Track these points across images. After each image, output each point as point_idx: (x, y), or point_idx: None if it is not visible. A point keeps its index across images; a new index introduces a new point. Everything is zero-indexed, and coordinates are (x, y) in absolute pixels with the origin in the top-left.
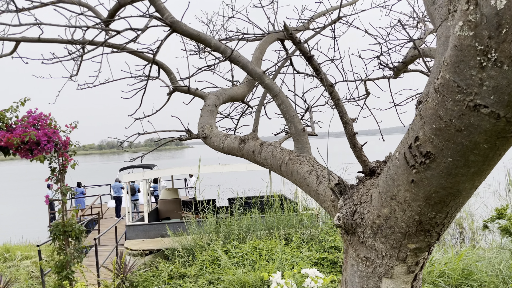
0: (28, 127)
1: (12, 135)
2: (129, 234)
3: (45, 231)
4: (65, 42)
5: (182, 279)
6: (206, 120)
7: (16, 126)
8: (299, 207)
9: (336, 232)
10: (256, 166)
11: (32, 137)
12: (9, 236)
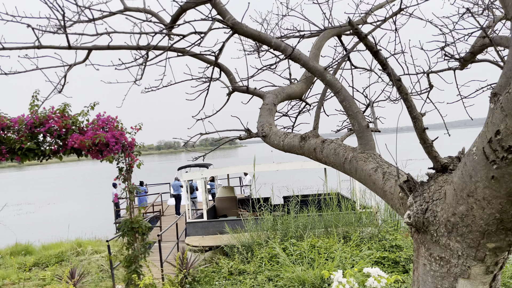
0: (97, 129)
1: (84, 137)
2: (189, 231)
3: (112, 227)
4: (132, 48)
5: (242, 275)
6: (265, 119)
7: (87, 129)
8: (357, 205)
9: (397, 230)
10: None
11: (102, 139)
12: (80, 231)
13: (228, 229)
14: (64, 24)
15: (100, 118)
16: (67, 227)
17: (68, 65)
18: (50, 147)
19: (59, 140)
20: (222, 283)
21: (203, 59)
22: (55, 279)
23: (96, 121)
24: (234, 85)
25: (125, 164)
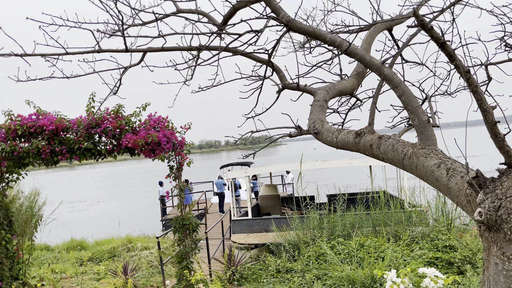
0: (149, 129)
1: (137, 137)
2: (234, 229)
3: (158, 224)
4: (184, 49)
5: (289, 274)
6: (317, 116)
7: (139, 129)
8: (406, 204)
9: (450, 230)
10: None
11: (154, 138)
12: (130, 228)
13: (273, 227)
14: (122, 27)
15: (151, 118)
16: (117, 224)
17: (124, 67)
18: (106, 146)
19: (114, 140)
20: (270, 280)
21: (255, 57)
22: (109, 273)
23: (148, 121)
24: (284, 83)
25: (176, 162)
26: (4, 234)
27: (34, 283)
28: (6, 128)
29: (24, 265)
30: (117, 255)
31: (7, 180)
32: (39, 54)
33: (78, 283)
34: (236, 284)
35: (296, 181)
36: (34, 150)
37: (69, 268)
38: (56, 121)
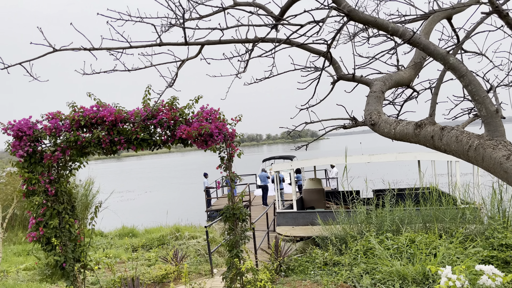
0: (202, 121)
1: (191, 128)
2: (279, 221)
3: (203, 214)
4: (241, 41)
5: (337, 267)
6: (373, 107)
7: (192, 121)
8: (458, 200)
9: (507, 228)
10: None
11: (207, 129)
12: (177, 217)
13: (319, 220)
14: (183, 20)
15: (204, 110)
16: (166, 213)
17: (181, 60)
18: (161, 137)
19: (168, 131)
20: (317, 272)
21: (312, 49)
22: (159, 259)
23: (201, 113)
24: (339, 74)
25: (226, 153)
26: (67, 218)
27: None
28: (70, 119)
29: (85, 248)
30: (166, 243)
31: (70, 168)
32: (105, 48)
33: (131, 268)
34: (283, 275)
35: (341, 175)
36: (95, 140)
37: (122, 253)
38: (115, 112)
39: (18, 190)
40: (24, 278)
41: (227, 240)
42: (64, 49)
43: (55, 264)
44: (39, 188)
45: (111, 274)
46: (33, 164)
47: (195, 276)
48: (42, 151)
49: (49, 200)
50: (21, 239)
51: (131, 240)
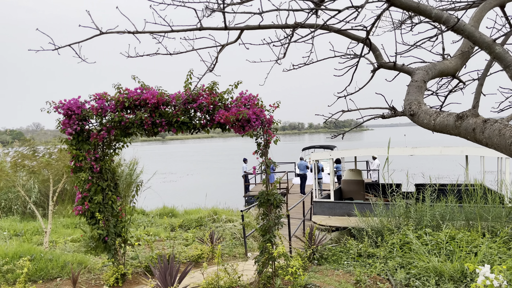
0: (240, 106)
1: (229, 113)
2: (316, 210)
3: (241, 199)
4: (280, 27)
5: (371, 259)
6: (414, 97)
7: (231, 106)
8: (506, 199)
9: None
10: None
11: (244, 115)
12: (215, 201)
13: (356, 212)
14: (223, 4)
15: (242, 95)
16: (205, 196)
17: (221, 45)
18: (200, 121)
19: (208, 115)
20: (350, 263)
21: (351, 35)
22: (196, 240)
23: (239, 98)
24: (380, 61)
25: (263, 139)
26: (110, 195)
27: (132, 242)
28: (115, 100)
29: (126, 224)
30: (204, 224)
31: (114, 147)
32: (148, 32)
33: (169, 246)
34: (316, 263)
35: (382, 168)
36: (138, 121)
37: (162, 232)
38: (158, 95)
39: (67, 166)
40: (71, 249)
41: (260, 225)
42: (110, 32)
43: (98, 238)
44: (85, 165)
45: (150, 251)
46: (81, 142)
47: (230, 258)
48: (89, 130)
49: (94, 176)
50: (69, 213)
51: (170, 219)
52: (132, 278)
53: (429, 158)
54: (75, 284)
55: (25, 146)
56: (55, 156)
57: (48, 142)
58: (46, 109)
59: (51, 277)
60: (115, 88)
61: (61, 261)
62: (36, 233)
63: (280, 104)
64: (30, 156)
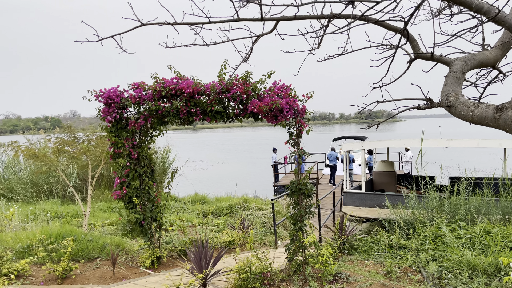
0: (273, 96)
1: (262, 103)
2: (346, 201)
3: (271, 189)
4: (316, 17)
5: (402, 251)
6: (451, 88)
7: (264, 96)
8: None
9: None
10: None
11: (277, 105)
12: (245, 189)
13: (388, 203)
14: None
15: (276, 85)
16: (235, 184)
17: (256, 35)
18: (233, 110)
19: (241, 105)
20: (381, 254)
21: (388, 26)
22: (227, 227)
23: (272, 88)
24: (417, 52)
25: (295, 129)
26: (147, 181)
27: (166, 226)
28: (153, 89)
29: (162, 209)
30: (234, 212)
31: (151, 135)
32: (186, 23)
33: (201, 232)
34: (346, 253)
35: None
36: (174, 110)
37: (193, 218)
38: (193, 85)
39: (106, 152)
40: (108, 232)
41: (291, 213)
42: (150, 23)
43: (135, 221)
44: (123, 151)
45: (183, 236)
46: (119, 130)
47: (260, 246)
48: (127, 118)
49: (132, 163)
50: (106, 197)
51: (202, 206)
52: (167, 261)
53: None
54: (115, 264)
55: (66, 133)
56: (93, 142)
57: (87, 129)
58: (87, 97)
59: (92, 257)
60: (152, 78)
61: (100, 243)
62: (75, 216)
63: (313, 95)
64: (70, 142)
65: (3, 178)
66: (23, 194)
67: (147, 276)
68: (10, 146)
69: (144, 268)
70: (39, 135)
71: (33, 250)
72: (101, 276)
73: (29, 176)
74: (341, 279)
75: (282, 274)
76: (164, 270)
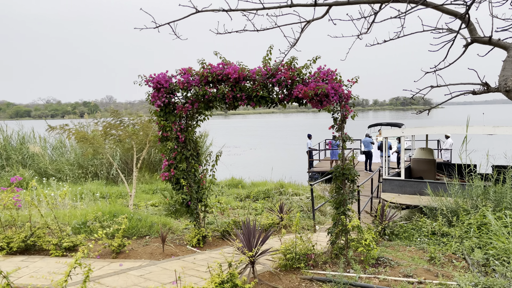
0: (318, 81)
1: (307, 88)
2: (385, 187)
3: (305, 175)
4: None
5: (445, 238)
6: (511, 72)
7: (309, 81)
8: None
9: None
10: None
11: (323, 90)
12: (281, 175)
13: (429, 190)
14: None
15: (321, 70)
16: (271, 169)
17: (306, 21)
18: (278, 95)
19: (285, 90)
20: (423, 240)
21: (447, 10)
22: (265, 210)
23: (318, 73)
24: (474, 36)
25: (340, 115)
26: (193, 163)
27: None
28: (200, 75)
29: (206, 191)
30: (270, 196)
31: (197, 119)
32: (240, 9)
33: (240, 214)
34: (386, 238)
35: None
36: (220, 95)
37: (232, 201)
38: (239, 70)
39: (154, 135)
40: (152, 212)
41: (334, 197)
42: (205, 10)
43: (181, 202)
44: (171, 135)
45: (223, 218)
46: (167, 114)
47: (298, 229)
48: (175, 102)
49: (179, 146)
50: (148, 179)
51: (239, 190)
52: (212, 241)
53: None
54: (164, 241)
55: (112, 117)
56: (137, 126)
57: (131, 114)
58: (138, 82)
59: (141, 234)
60: (199, 63)
61: (148, 222)
62: (119, 197)
63: (358, 80)
64: (117, 126)
65: (52, 159)
66: (71, 175)
67: (194, 254)
68: (62, 129)
69: (191, 246)
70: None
71: (88, 226)
72: (151, 252)
73: (75, 158)
74: (383, 263)
75: (324, 256)
76: (210, 249)
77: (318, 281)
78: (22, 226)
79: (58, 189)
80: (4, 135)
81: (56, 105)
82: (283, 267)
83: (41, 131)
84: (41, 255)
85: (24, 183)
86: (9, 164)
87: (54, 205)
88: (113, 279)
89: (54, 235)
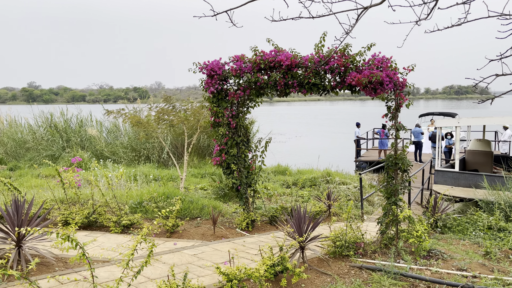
0: (373, 68)
1: (361, 75)
2: (437, 179)
3: (352, 164)
4: None
5: (503, 233)
6: None
7: (363, 68)
8: None
9: None
10: None
11: (378, 77)
12: (327, 163)
13: (486, 183)
14: None
15: (375, 58)
16: (317, 157)
17: (363, 7)
18: (330, 83)
19: (338, 77)
20: (478, 234)
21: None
22: (311, 198)
23: (372, 60)
24: None
25: (394, 103)
26: (243, 149)
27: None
28: (252, 62)
29: (256, 177)
30: (317, 184)
31: (247, 106)
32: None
33: (287, 201)
34: (438, 231)
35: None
36: (272, 82)
37: (278, 188)
38: (291, 57)
39: (205, 121)
40: (201, 195)
41: (385, 187)
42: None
43: (231, 186)
44: (223, 121)
45: (270, 203)
46: (220, 100)
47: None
48: (227, 89)
49: (231, 131)
50: (197, 164)
51: (285, 177)
52: (260, 225)
53: None
54: (215, 223)
55: (165, 103)
56: (189, 112)
57: (183, 100)
58: (192, 70)
59: (193, 216)
60: (251, 51)
61: (199, 204)
62: (170, 179)
63: (415, 67)
64: (169, 111)
65: (107, 142)
66: (125, 157)
67: (243, 237)
68: (118, 113)
69: (240, 229)
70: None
71: (143, 206)
72: (203, 233)
73: (128, 142)
74: (435, 256)
75: (374, 246)
76: (258, 233)
77: (368, 269)
78: (85, 203)
79: (114, 170)
80: (65, 118)
81: (108, 90)
82: (332, 254)
83: (97, 115)
84: (102, 231)
85: (83, 163)
86: (69, 145)
87: (110, 185)
88: (168, 256)
89: (113, 213)
